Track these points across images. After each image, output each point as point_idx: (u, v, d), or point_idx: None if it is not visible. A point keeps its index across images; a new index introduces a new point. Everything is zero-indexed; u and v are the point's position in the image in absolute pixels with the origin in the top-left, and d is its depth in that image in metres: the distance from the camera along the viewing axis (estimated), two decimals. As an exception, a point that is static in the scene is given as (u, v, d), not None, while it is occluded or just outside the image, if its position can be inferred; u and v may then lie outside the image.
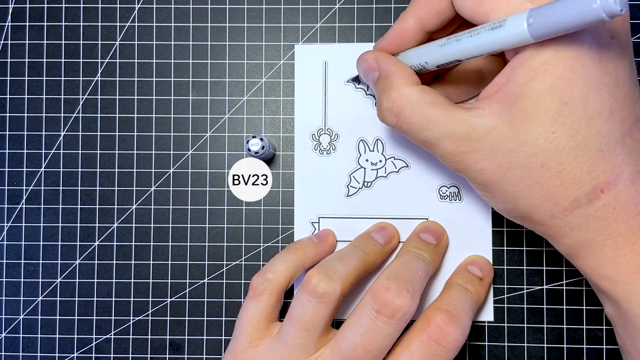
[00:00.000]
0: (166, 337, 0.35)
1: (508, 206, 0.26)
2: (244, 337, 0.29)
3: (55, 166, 0.36)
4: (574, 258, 0.26)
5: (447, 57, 0.26)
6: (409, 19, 0.28)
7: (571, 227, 0.24)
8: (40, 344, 0.35)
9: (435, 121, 0.26)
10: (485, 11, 0.24)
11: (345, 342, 0.27)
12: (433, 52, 0.27)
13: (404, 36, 0.28)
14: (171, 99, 0.35)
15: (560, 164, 0.23)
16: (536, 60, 0.23)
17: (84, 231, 0.36)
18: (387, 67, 0.28)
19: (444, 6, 0.26)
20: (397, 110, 0.27)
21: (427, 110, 0.26)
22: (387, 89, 0.27)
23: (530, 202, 0.25)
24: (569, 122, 0.23)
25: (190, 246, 0.35)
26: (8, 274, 0.36)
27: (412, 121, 0.26)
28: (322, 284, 0.27)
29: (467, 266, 0.33)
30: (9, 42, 0.36)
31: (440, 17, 0.27)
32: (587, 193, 0.23)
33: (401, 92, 0.27)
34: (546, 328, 0.34)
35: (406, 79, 0.27)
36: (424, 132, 0.26)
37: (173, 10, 0.36)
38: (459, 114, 0.25)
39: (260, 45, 0.35)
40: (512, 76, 0.24)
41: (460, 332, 0.27)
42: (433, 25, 0.27)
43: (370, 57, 0.29)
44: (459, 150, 0.25)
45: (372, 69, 0.29)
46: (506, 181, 0.25)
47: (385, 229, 0.34)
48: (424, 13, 0.27)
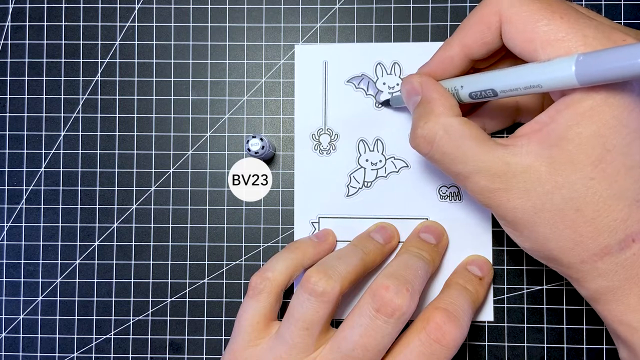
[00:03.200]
0: (166, 337, 0.35)
1: (536, 247, 0.25)
2: (243, 336, 0.29)
3: (55, 166, 0.36)
4: (595, 302, 0.25)
5: (483, 85, 0.26)
6: (454, 46, 0.27)
7: (599, 272, 0.24)
8: (40, 344, 0.35)
9: (472, 155, 0.25)
10: (534, 49, 0.23)
11: (345, 341, 0.27)
12: (472, 78, 0.27)
13: (448, 62, 0.28)
14: (171, 99, 0.36)
15: (595, 210, 0.23)
16: (584, 105, 0.22)
17: (84, 231, 0.36)
18: (430, 94, 0.27)
19: (492, 38, 0.26)
20: (431, 139, 0.26)
21: (463, 142, 0.25)
22: (425, 116, 0.27)
23: (560, 245, 0.24)
24: (609, 169, 0.23)
25: (190, 246, 0.35)
26: (8, 274, 0.36)
27: (446, 152, 0.26)
28: (321, 283, 0.27)
29: (466, 266, 0.33)
30: (9, 42, 0.36)
31: (487, 47, 0.27)
32: (619, 241, 0.23)
33: (439, 121, 0.26)
34: (546, 328, 0.34)
35: (447, 108, 0.27)
36: (458, 165, 0.26)
37: (173, 10, 0.36)
38: (495, 150, 0.25)
39: (260, 45, 0.35)
40: (556, 118, 0.23)
41: (459, 331, 0.27)
42: (478, 54, 0.27)
43: (416, 80, 0.29)
44: (492, 187, 0.25)
45: (415, 92, 0.28)
46: (538, 222, 0.24)
47: (385, 228, 0.34)
48: (470, 42, 0.27)
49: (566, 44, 0.22)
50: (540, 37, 0.23)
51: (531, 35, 0.24)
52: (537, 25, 0.23)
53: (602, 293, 0.25)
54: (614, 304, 0.24)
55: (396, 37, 0.35)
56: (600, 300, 0.25)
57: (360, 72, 0.35)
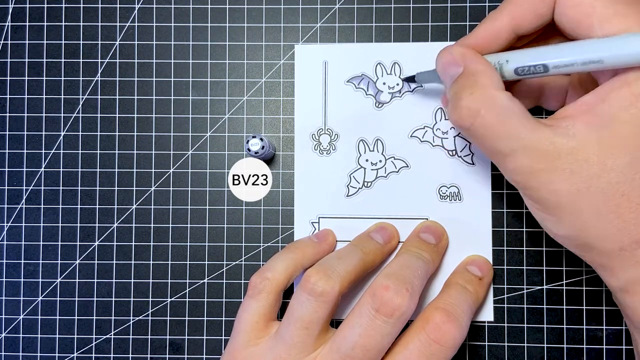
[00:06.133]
0: (166, 337, 0.35)
1: (574, 233, 0.24)
2: (243, 335, 0.29)
3: (55, 166, 0.36)
4: (625, 293, 0.24)
5: (533, 59, 0.25)
6: (503, 19, 0.26)
7: (636, 260, 0.23)
8: (40, 344, 0.35)
9: (517, 132, 0.24)
10: (591, 24, 0.23)
11: (344, 341, 0.27)
12: (519, 53, 0.25)
13: (494, 36, 0.26)
14: (171, 99, 0.36)
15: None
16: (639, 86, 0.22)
17: (84, 231, 0.36)
18: (475, 66, 0.26)
19: (545, 9, 0.25)
20: (476, 112, 0.25)
21: (510, 118, 0.24)
22: (470, 87, 0.25)
23: (601, 231, 0.23)
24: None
25: (190, 246, 0.35)
26: (8, 274, 0.36)
27: (491, 126, 0.25)
28: (321, 283, 0.27)
29: (466, 266, 0.33)
30: (9, 42, 0.36)
31: (539, 20, 0.25)
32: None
33: (487, 93, 0.25)
34: (546, 328, 0.34)
35: (494, 82, 0.25)
36: (501, 140, 0.24)
37: (173, 10, 0.36)
38: (541, 129, 0.24)
39: (260, 45, 0.35)
40: (608, 98, 0.23)
41: (458, 331, 0.27)
42: (528, 28, 0.26)
43: (458, 51, 0.27)
44: (535, 167, 0.24)
45: (456, 64, 0.27)
46: (580, 206, 0.23)
47: (385, 228, 0.34)
48: (520, 13, 0.26)
49: (626, 20, 0.22)
50: (598, 12, 0.22)
51: (589, 10, 0.23)
52: (596, 0, 0.23)
53: (635, 283, 0.24)
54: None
55: (396, 37, 0.35)
56: (631, 291, 0.24)
57: (360, 72, 0.35)
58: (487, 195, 0.34)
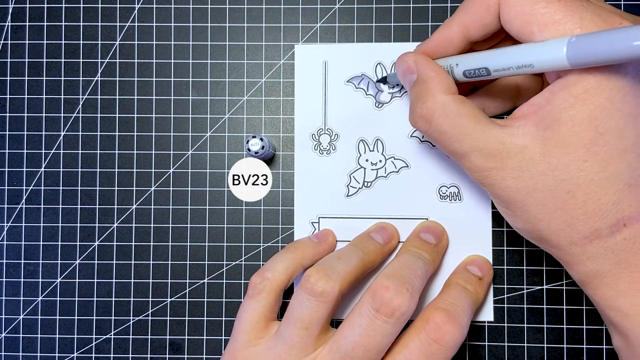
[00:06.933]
0: (166, 337, 0.35)
1: (528, 227, 0.26)
2: (243, 335, 0.29)
3: (55, 166, 0.36)
4: (586, 286, 0.26)
5: (477, 63, 0.26)
6: (453, 27, 0.27)
7: (588, 256, 0.24)
8: (40, 344, 0.35)
9: (468, 134, 0.26)
10: (532, 31, 0.24)
11: (344, 341, 0.27)
12: (467, 57, 0.27)
13: (446, 43, 0.28)
14: (171, 99, 0.36)
15: (587, 193, 0.23)
16: (578, 87, 0.23)
17: (84, 231, 0.36)
18: (426, 72, 0.28)
19: (490, 19, 0.26)
20: (429, 118, 0.26)
21: (460, 121, 0.26)
22: (423, 95, 0.27)
23: (551, 226, 0.25)
24: (602, 153, 0.23)
25: (190, 246, 0.35)
26: (8, 274, 0.36)
27: (443, 130, 0.26)
28: (321, 283, 0.27)
29: (466, 266, 0.33)
30: (9, 42, 0.36)
31: (486, 29, 0.27)
32: (610, 225, 0.23)
33: (437, 99, 0.26)
34: (546, 328, 0.34)
35: (444, 86, 0.27)
36: (455, 143, 0.26)
37: (173, 10, 0.36)
38: (492, 129, 0.25)
39: (260, 45, 0.35)
40: (551, 99, 0.23)
41: (458, 331, 0.27)
42: (477, 35, 0.27)
43: (411, 59, 0.29)
44: (487, 166, 0.25)
45: (410, 71, 0.28)
46: (530, 202, 0.25)
47: (385, 228, 0.34)
48: (469, 22, 0.27)
49: (563, 26, 0.23)
50: (538, 20, 0.23)
51: (529, 18, 0.24)
52: (535, 8, 0.24)
53: (592, 277, 0.25)
54: (604, 289, 0.25)
55: (396, 37, 0.35)
56: (591, 285, 0.25)
57: (360, 72, 0.35)
58: (487, 196, 0.34)
